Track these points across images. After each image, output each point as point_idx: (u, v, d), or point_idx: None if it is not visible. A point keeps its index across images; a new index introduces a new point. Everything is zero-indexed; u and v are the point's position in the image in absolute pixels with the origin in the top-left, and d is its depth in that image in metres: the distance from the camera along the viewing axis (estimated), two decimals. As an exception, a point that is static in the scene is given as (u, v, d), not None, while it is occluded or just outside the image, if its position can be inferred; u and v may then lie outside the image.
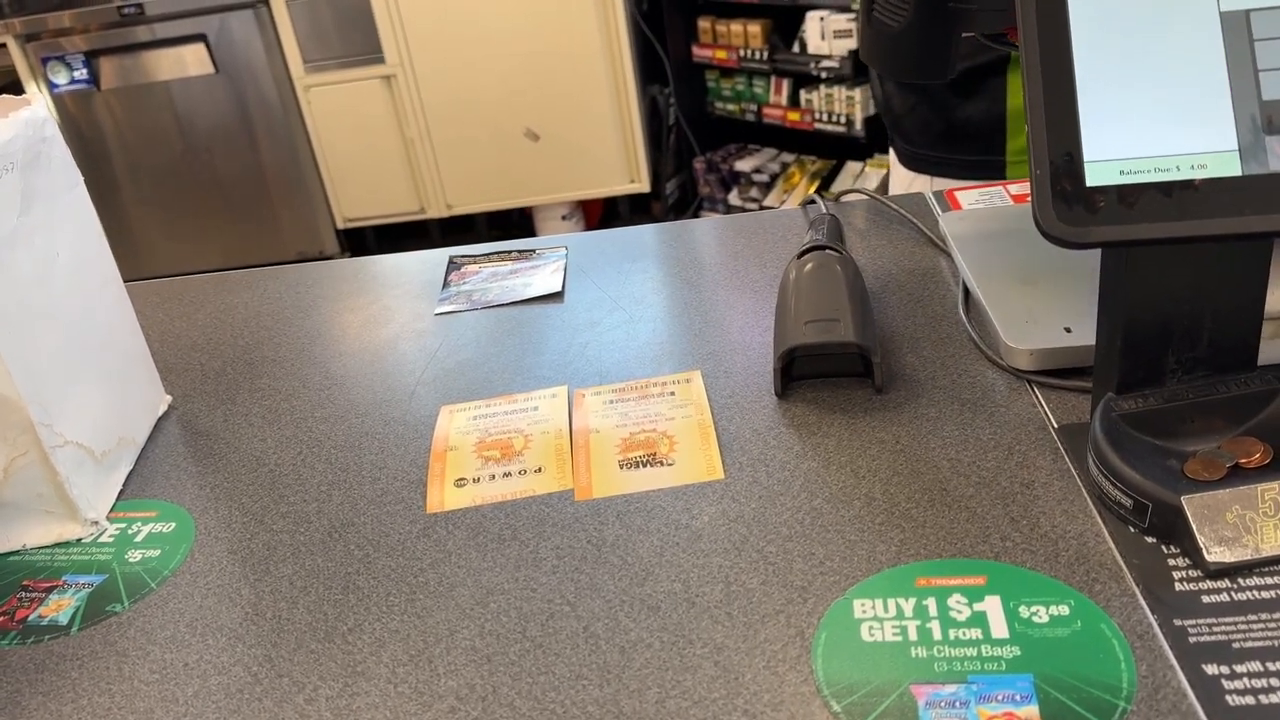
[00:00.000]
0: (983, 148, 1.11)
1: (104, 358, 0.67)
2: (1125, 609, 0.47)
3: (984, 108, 1.09)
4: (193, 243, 3.19)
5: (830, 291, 0.66)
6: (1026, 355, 0.64)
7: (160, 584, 0.58)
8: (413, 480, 0.64)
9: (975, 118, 1.10)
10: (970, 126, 1.10)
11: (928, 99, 1.13)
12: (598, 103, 2.95)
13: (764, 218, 0.93)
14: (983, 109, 1.09)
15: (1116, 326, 0.54)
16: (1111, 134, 0.48)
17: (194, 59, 2.98)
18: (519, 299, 0.84)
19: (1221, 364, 0.55)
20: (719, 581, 0.52)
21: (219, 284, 0.95)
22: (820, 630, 0.48)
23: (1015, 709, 0.42)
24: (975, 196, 0.89)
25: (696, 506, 0.58)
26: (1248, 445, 0.51)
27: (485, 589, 0.54)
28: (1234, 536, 0.48)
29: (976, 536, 0.52)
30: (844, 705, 0.44)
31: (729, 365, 0.71)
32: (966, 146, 1.12)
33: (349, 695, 0.49)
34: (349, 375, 0.76)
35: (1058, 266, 0.71)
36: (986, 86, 1.08)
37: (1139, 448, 0.52)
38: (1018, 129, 1.08)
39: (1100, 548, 0.50)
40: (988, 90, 1.08)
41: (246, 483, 0.66)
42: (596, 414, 0.67)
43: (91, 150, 3.07)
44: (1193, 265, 0.53)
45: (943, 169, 1.15)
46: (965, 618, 0.47)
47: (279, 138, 3.06)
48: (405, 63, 2.91)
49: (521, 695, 0.47)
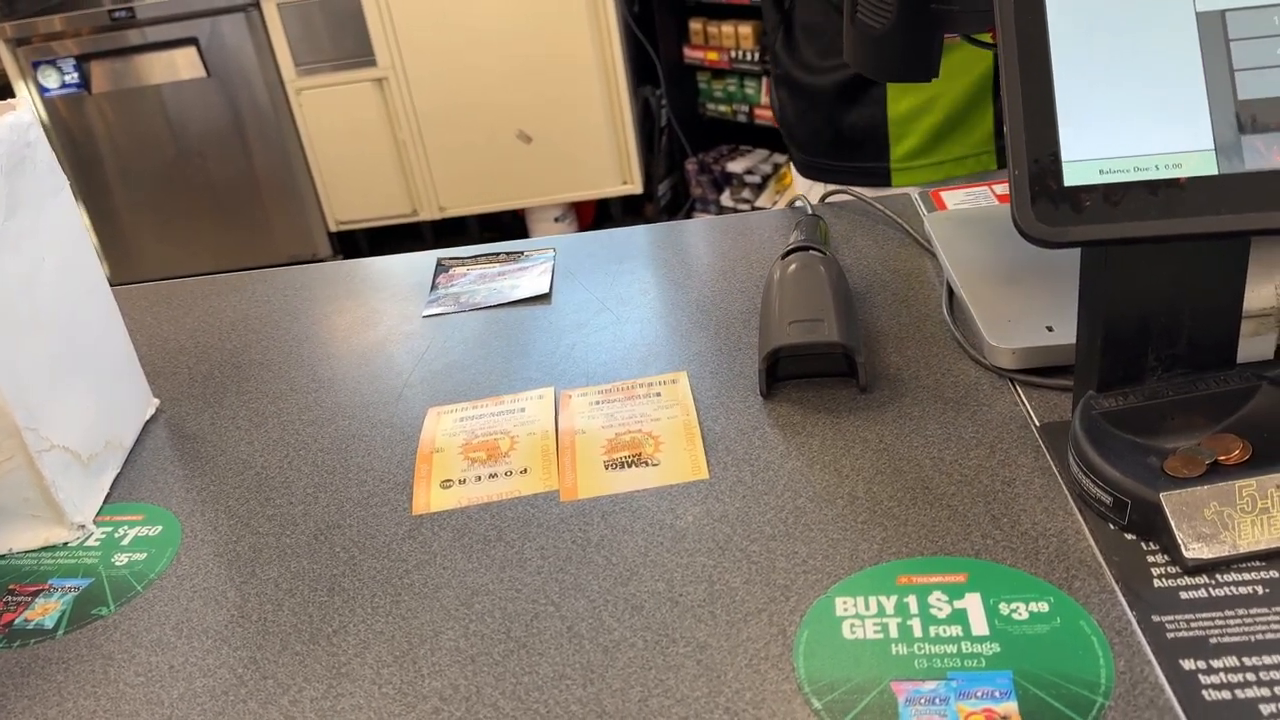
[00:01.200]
0: (869, 154, 1.12)
1: (91, 361, 0.68)
2: (1104, 605, 0.47)
3: (868, 115, 1.10)
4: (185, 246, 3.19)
5: (814, 292, 0.67)
6: (1009, 354, 0.64)
7: (146, 587, 0.58)
8: (399, 482, 0.64)
9: (860, 125, 1.11)
10: (856, 134, 1.12)
11: (815, 107, 1.14)
12: (590, 104, 2.95)
13: (750, 219, 0.93)
14: (866, 116, 1.10)
15: (1097, 325, 0.55)
16: (1090, 134, 0.49)
17: (185, 62, 2.97)
18: (507, 301, 0.84)
19: (1201, 362, 0.56)
20: (702, 581, 0.52)
21: (207, 287, 0.95)
22: (802, 628, 0.48)
23: (995, 705, 0.43)
24: (961, 197, 0.89)
25: (681, 506, 0.58)
26: (1227, 442, 0.52)
27: (470, 590, 0.54)
28: (1212, 533, 0.48)
29: (958, 534, 0.52)
30: (825, 703, 0.44)
31: (715, 366, 0.71)
32: (854, 154, 1.13)
33: (333, 696, 0.49)
34: (336, 378, 0.77)
35: (1040, 266, 0.71)
36: (869, 94, 1.09)
37: (1119, 445, 0.53)
38: (899, 135, 1.09)
39: (1080, 545, 0.51)
40: (871, 98, 1.09)
41: (233, 486, 0.66)
42: (582, 415, 0.68)
43: (83, 154, 3.06)
44: (1172, 264, 0.53)
45: (834, 176, 1.15)
46: (946, 615, 0.47)
47: (271, 141, 3.06)
48: (397, 65, 2.91)
49: (505, 695, 0.48)
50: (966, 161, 1.09)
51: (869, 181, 1.12)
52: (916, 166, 1.10)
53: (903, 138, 1.09)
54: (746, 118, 3.12)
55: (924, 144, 1.09)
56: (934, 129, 1.08)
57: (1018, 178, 0.49)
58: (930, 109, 1.07)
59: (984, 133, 1.08)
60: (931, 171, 1.10)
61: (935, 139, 1.09)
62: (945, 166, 1.10)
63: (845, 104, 1.11)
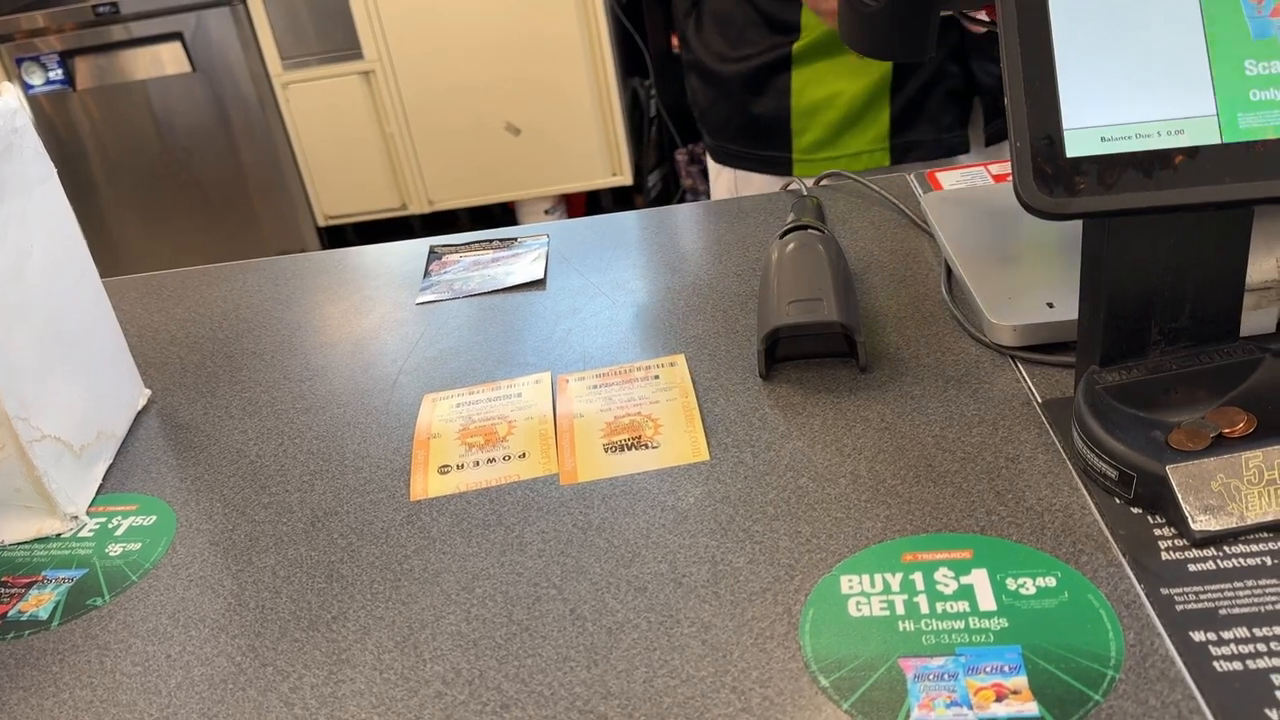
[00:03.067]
0: (775, 144, 1.14)
1: (81, 351, 0.67)
2: (1112, 579, 0.47)
3: (773, 104, 1.12)
4: (173, 243, 3.17)
5: (813, 271, 0.66)
6: (1009, 331, 0.64)
7: (141, 577, 0.57)
8: (396, 468, 0.63)
9: (766, 114, 1.13)
10: (763, 122, 1.14)
11: (725, 94, 1.16)
12: (578, 96, 2.94)
13: (745, 202, 0.92)
14: (772, 106, 1.12)
15: (1099, 299, 0.54)
16: (1091, 102, 0.48)
17: (170, 58, 2.95)
18: (500, 287, 0.83)
19: (1204, 335, 0.55)
20: (705, 561, 0.52)
21: (197, 278, 0.94)
22: (807, 607, 0.48)
23: (1004, 680, 0.42)
24: (957, 177, 0.89)
25: (682, 488, 0.57)
26: (1231, 415, 0.51)
27: (470, 574, 0.54)
28: (1219, 505, 0.48)
29: (962, 511, 0.52)
30: (832, 680, 0.44)
31: (713, 348, 0.70)
32: (760, 141, 1.15)
33: (334, 683, 0.48)
34: (330, 366, 0.76)
35: (1039, 243, 0.71)
36: (775, 86, 1.11)
37: (1123, 419, 0.52)
38: (803, 127, 1.12)
39: (1086, 519, 0.50)
40: (776, 90, 1.11)
41: (228, 474, 0.65)
42: (580, 399, 0.67)
43: (68, 151, 3.04)
44: (1174, 236, 0.53)
45: (743, 163, 1.18)
46: (952, 591, 0.47)
47: (258, 136, 3.04)
48: (384, 58, 2.89)
49: (508, 678, 0.47)
50: (861, 157, 1.12)
51: (773, 170, 1.16)
52: (817, 159, 1.12)
53: (805, 130, 1.11)
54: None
55: (825, 137, 1.12)
56: (835, 124, 1.11)
57: (1019, 149, 0.49)
58: (832, 104, 1.10)
59: (880, 130, 1.11)
60: (828, 165, 1.12)
61: (835, 133, 1.11)
62: (842, 161, 1.12)
63: (752, 94, 1.14)
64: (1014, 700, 0.41)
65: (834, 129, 1.11)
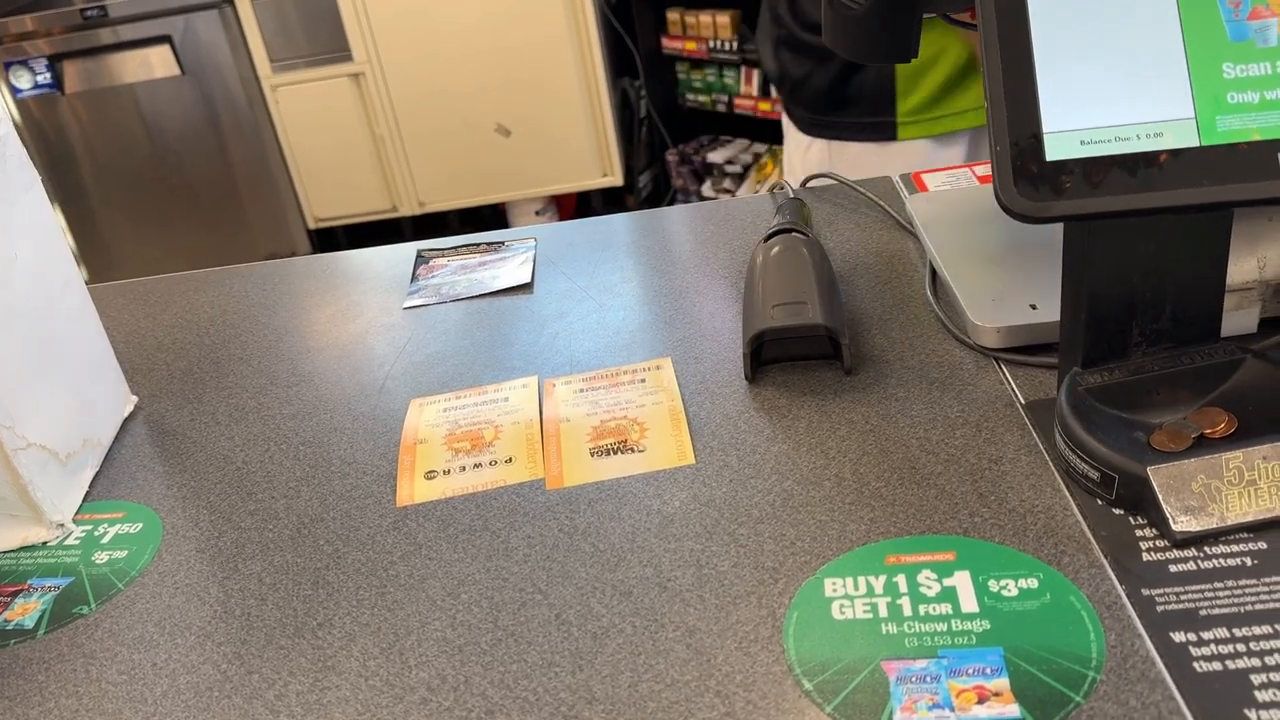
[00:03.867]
0: (876, 109, 1.13)
1: (66, 359, 0.67)
2: (1094, 580, 0.47)
3: (876, 70, 1.11)
4: (163, 246, 3.16)
5: (797, 274, 0.66)
6: (993, 333, 0.64)
7: (128, 584, 0.57)
8: (382, 474, 0.63)
9: (868, 81, 1.12)
10: (864, 89, 1.13)
11: (823, 65, 1.15)
12: (568, 97, 2.94)
13: (732, 205, 0.93)
14: (874, 72, 1.12)
15: (1080, 301, 0.55)
16: (1071, 106, 0.48)
17: (159, 61, 2.94)
18: (488, 291, 0.84)
19: (1185, 336, 0.56)
20: (690, 565, 0.52)
21: (184, 284, 0.94)
22: (791, 610, 0.48)
23: (986, 682, 0.42)
24: (942, 179, 0.89)
25: (668, 492, 0.58)
26: (1213, 415, 0.52)
27: (456, 580, 0.54)
28: (1200, 506, 0.48)
29: (945, 513, 0.52)
30: (815, 683, 0.44)
31: (699, 351, 0.70)
32: (860, 109, 1.15)
33: (320, 690, 0.48)
34: (317, 371, 0.76)
35: (1023, 245, 0.71)
36: None
37: (1105, 421, 0.52)
38: (908, 89, 1.11)
39: (1068, 521, 0.51)
40: None
41: (214, 481, 0.65)
42: (567, 403, 0.67)
43: (57, 155, 3.03)
44: (1154, 238, 0.53)
45: (838, 132, 1.18)
46: (935, 593, 0.47)
47: (247, 138, 3.03)
48: (373, 60, 2.89)
49: (493, 684, 0.47)
50: (967, 115, 1.11)
51: (874, 136, 1.15)
52: (922, 120, 1.12)
53: (910, 92, 1.11)
54: (726, 107, 3.11)
55: (930, 98, 1.10)
56: (940, 84, 1.10)
57: (999, 153, 0.49)
58: (936, 64, 1.08)
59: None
60: (933, 125, 1.11)
61: (941, 93, 1.10)
62: (946, 120, 1.11)
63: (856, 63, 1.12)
64: (996, 702, 0.41)
65: (940, 89, 1.10)
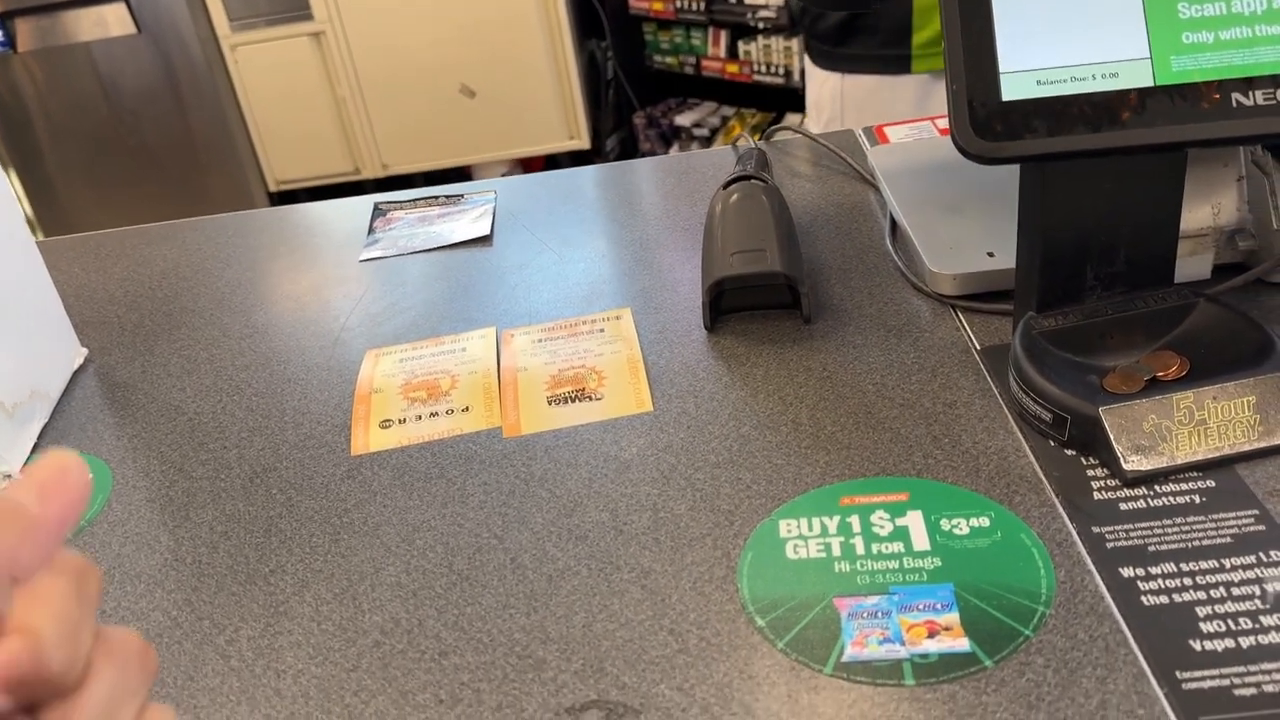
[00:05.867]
0: (891, 41, 1.15)
1: (11, 310, 0.65)
2: (1045, 519, 0.47)
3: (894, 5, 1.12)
4: (120, 208, 3.10)
5: (756, 222, 0.66)
6: (950, 280, 0.64)
7: (76, 534, 0.56)
8: (337, 424, 0.62)
9: (886, 12, 1.13)
10: (881, 20, 1.14)
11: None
12: (534, 58, 2.91)
13: (694, 158, 0.92)
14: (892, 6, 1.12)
15: (1035, 244, 0.55)
16: (1027, 45, 0.48)
17: (115, 19, 2.88)
18: (446, 244, 0.83)
19: (1139, 280, 0.56)
20: (647, 510, 0.52)
21: (135, 237, 0.92)
22: (746, 551, 0.48)
23: (936, 617, 0.43)
24: (904, 131, 0.89)
25: (625, 439, 0.57)
26: (1165, 358, 0.52)
27: (411, 526, 0.53)
28: (1150, 445, 0.49)
29: (900, 456, 0.52)
30: (768, 620, 0.44)
31: (659, 301, 0.70)
32: (876, 40, 1.16)
33: (271, 635, 0.48)
34: (271, 324, 0.75)
35: (982, 195, 0.71)
36: None
37: (1059, 363, 0.53)
38: (923, 22, 1.12)
39: (1020, 462, 0.51)
40: None
41: (165, 432, 0.64)
42: (525, 353, 0.67)
43: (11, 116, 2.96)
44: (1109, 181, 0.53)
45: (854, 64, 1.19)
46: (887, 533, 0.47)
47: (206, 99, 2.98)
48: (334, 19, 2.84)
49: (447, 626, 0.47)
50: None
51: (890, 69, 1.16)
52: (936, 53, 1.13)
53: (925, 26, 1.13)
54: (694, 70, 3.09)
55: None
56: None
57: (955, 93, 0.49)
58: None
59: None
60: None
61: None
62: None
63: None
64: (946, 636, 0.42)
65: None
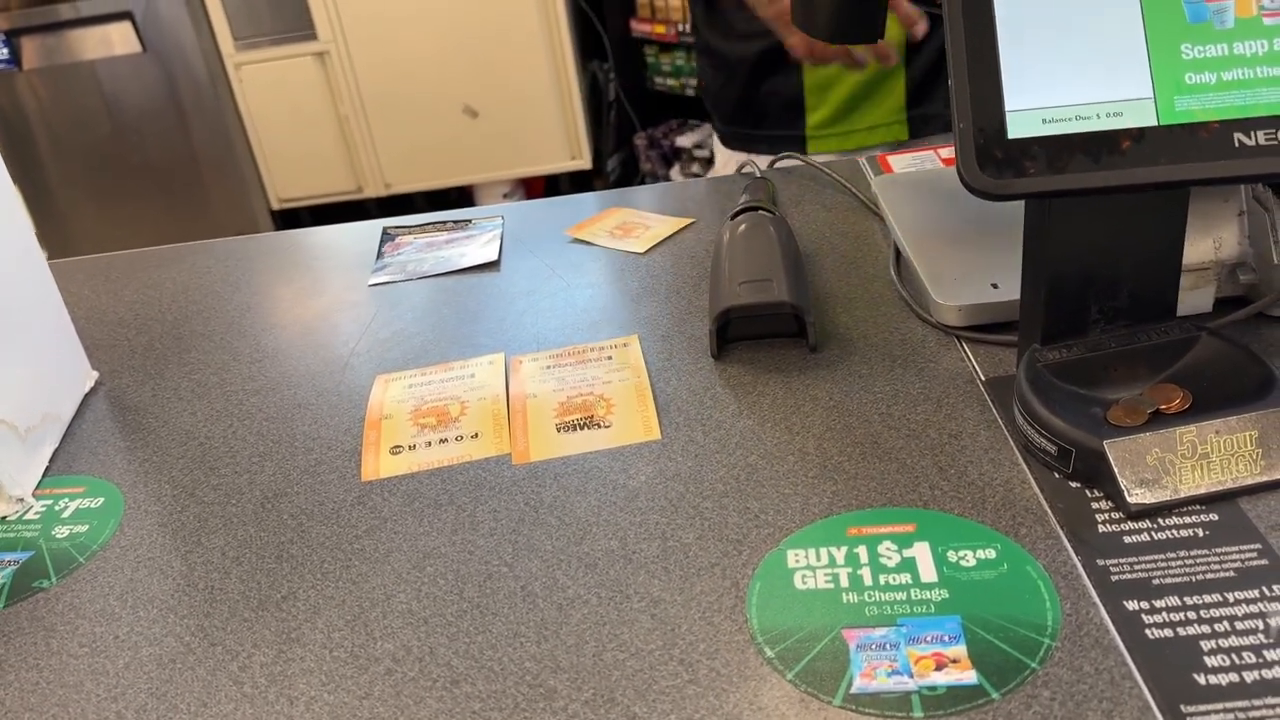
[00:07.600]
0: (785, 123, 1.14)
1: (25, 333, 0.66)
2: (1050, 551, 0.48)
3: (784, 82, 1.12)
4: (123, 227, 3.11)
5: (763, 252, 0.67)
6: (955, 311, 0.65)
7: (89, 559, 0.57)
8: (347, 450, 0.63)
9: (777, 93, 1.13)
10: (774, 101, 1.14)
11: (735, 76, 1.16)
12: (537, 79, 2.93)
13: (700, 185, 0.93)
14: (782, 84, 1.12)
15: (1040, 279, 0.55)
16: (1033, 84, 0.49)
17: (120, 37, 2.90)
18: (454, 269, 0.83)
19: (1142, 314, 0.57)
20: (655, 538, 0.52)
21: (145, 260, 0.92)
22: (754, 581, 0.48)
23: (944, 649, 0.43)
24: (908, 161, 0.90)
25: (634, 466, 0.58)
26: (1168, 392, 0.53)
27: (422, 553, 0.54)
28: (1154, 478, 0.49)
29: (906, 486, 0.53)
30: (777, 651, 0.44)
31: (666, 329, 0.71)
32: (771, 122, 1.15)
33: (283, 661, 0.48)
34: (281, 348, 0.75)
35: (985, 226, 0.72)
36: (785, 64, 1.11)
37: (1063, 396, 0.53)
38: (815, 105, 1.12)
39: (1026, 493, 0.52)
40: (787, 67, 1.11)
41: (176, 456, 0.65)
42: (533, 379, 0.67)
43: (15, 133, 2.97)
44: (1113, 217, 0.54)
45: (754, 145, 1.18)
46: (895, 564, 0.48)
47: (210, 118, 2.99)
48: (338, 39, 2.86)
49: (458, 655, 0.47)
50: (878, 130, 1.12)
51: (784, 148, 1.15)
52: (830, 135, 1.12)
53: (817, 107, 1.11)
54: (695, 91, 3.11)
55: (837, 112, 1.11)
56: (847, 98, 1.10)
57: (962, 131, 0.49)
58: (843, 78, 1.09)
59: (895, 103, 1.10)
60: (843, 140, 1.12)
61: (848, 108, 1.11)
62: (857, 135, 1.11)
63: (764, 72, 1.13)
64: (954, 669, 0.42)
65: (846, 103, 1.10)
